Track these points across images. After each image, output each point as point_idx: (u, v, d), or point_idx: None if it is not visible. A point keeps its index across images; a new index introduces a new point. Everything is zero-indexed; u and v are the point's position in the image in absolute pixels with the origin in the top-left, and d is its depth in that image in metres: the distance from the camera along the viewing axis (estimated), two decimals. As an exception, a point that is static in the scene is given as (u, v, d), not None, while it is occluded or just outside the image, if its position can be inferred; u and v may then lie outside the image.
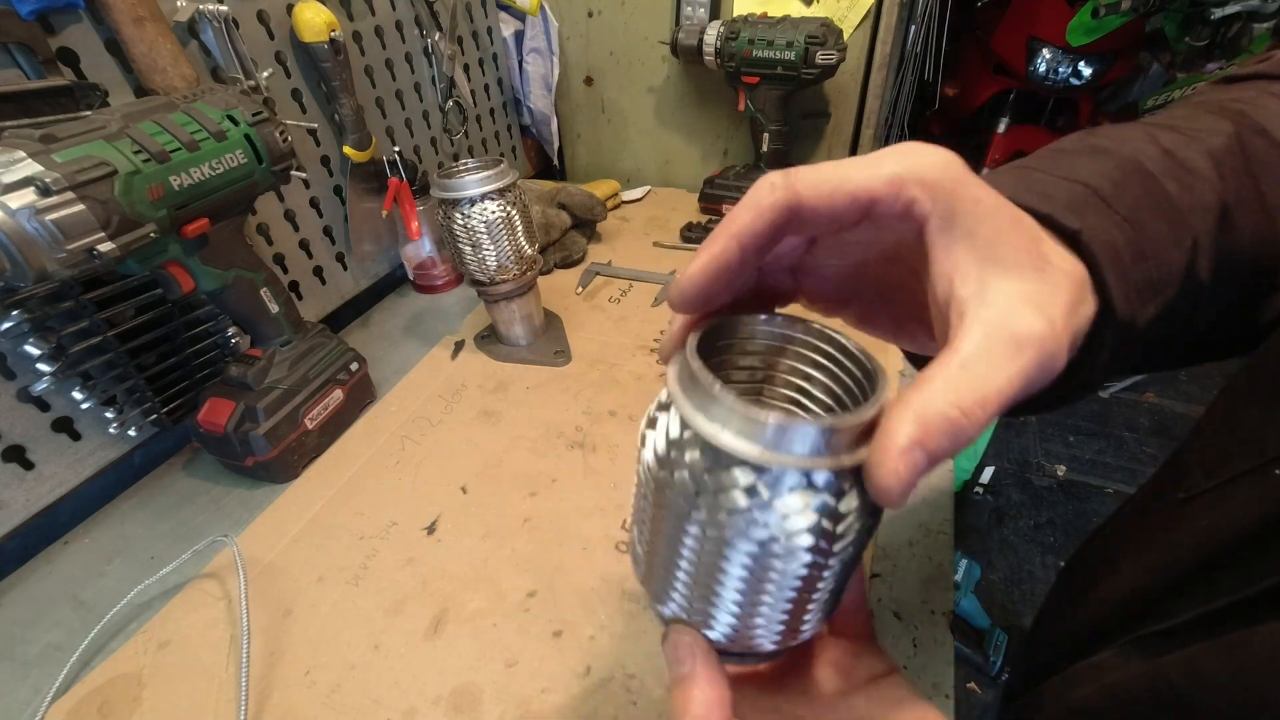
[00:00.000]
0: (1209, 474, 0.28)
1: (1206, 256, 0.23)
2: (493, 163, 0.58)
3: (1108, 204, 0.22)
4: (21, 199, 0.33)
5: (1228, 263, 0.24)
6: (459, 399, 0.62)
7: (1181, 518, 0.29)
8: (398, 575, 0.46)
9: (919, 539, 0.46)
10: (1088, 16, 1.65)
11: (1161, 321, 0.22)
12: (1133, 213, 0.22)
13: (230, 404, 0.50)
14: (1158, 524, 0.32)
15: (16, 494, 0.47)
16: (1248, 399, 0.29)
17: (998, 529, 1.60)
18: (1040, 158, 0.25)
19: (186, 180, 0.41)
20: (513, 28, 0.95)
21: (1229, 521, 0.26)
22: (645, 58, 0.99)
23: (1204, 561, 0.26)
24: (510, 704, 0.38)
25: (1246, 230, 0.25)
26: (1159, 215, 0.22)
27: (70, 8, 0.44)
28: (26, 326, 0.43)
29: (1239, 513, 0.25)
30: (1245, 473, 0.25)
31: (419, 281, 0.81)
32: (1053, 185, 0.22)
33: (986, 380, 0.16)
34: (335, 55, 0.61)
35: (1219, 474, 0.27)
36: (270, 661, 0.40)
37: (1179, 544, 0.28)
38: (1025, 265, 0.18)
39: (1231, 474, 0.26)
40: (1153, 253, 0.22)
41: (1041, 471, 1.73)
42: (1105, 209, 0.22)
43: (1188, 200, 0.23)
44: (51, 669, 0.40)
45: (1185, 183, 0.23)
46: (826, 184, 0.18)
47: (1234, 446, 0.28)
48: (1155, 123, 0.27)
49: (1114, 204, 0.22)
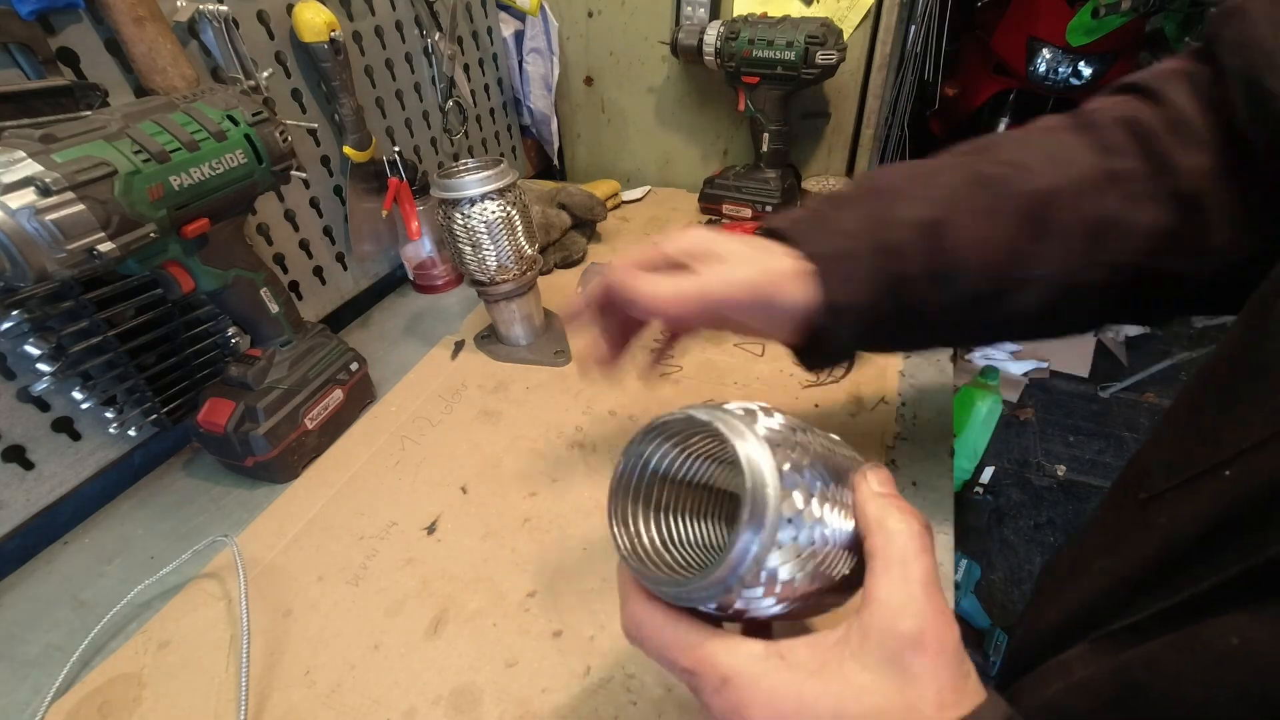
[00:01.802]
0: (1168, 475, 0.29)
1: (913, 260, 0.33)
2: (493, 163, 0.58)
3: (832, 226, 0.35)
4: (21, 199, 0.33)
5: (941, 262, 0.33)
6: (459, 399, 0.62)
7: (1145, 517, 0.30)
8: (398, 575, 0.46)
9: (919, 539, 0.46)
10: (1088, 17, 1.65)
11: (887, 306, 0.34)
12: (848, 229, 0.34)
13: (230, 404, 0.50)
14: (1124, 524, 0.32)
15: (16, 494, 0.47)
16: (1203, 401, 0.30)
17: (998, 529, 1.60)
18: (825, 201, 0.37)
19: (186, 180, 0.41)
20: (513, 28, 0.95)
21: (1186, 521, 0.26)
22: (645, 58, 0.99)
23: (1165, 560, 0.27)
24: (510, 704, 0.38)
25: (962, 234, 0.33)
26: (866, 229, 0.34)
27: (70, 8, 0.44)
28: (26, 326, 0.43)
29: (1195, 512, 0.26)
30: (1201, 473, 0.26)
31: (419, 281, 0.81)
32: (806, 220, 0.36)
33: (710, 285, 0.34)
34: (335, 55, 0.61)
35: (1177, 475, 0.28)
36: (270, 661, 0.40)
37: (1143, 543, 0.29)
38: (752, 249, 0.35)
39: (1188, 475, 0.27)
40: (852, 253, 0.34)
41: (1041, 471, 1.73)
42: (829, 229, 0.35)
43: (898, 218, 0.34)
44: (51, 669, 0.40)
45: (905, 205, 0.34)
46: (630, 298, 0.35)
47: (1191, 448, 0.29)
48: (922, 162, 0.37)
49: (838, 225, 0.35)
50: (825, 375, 0.60)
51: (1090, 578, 0.32)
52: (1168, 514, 0.28)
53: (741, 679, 0.21)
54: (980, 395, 1.39)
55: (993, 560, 1.52)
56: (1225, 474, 0.25)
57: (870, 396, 0.58)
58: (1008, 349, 1.96)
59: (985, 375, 1.42)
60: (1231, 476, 0.25)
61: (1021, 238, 0.32)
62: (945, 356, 0.62)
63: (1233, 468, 0.25)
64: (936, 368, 0.61)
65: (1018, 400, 1.93)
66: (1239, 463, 0.24)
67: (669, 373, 0.63)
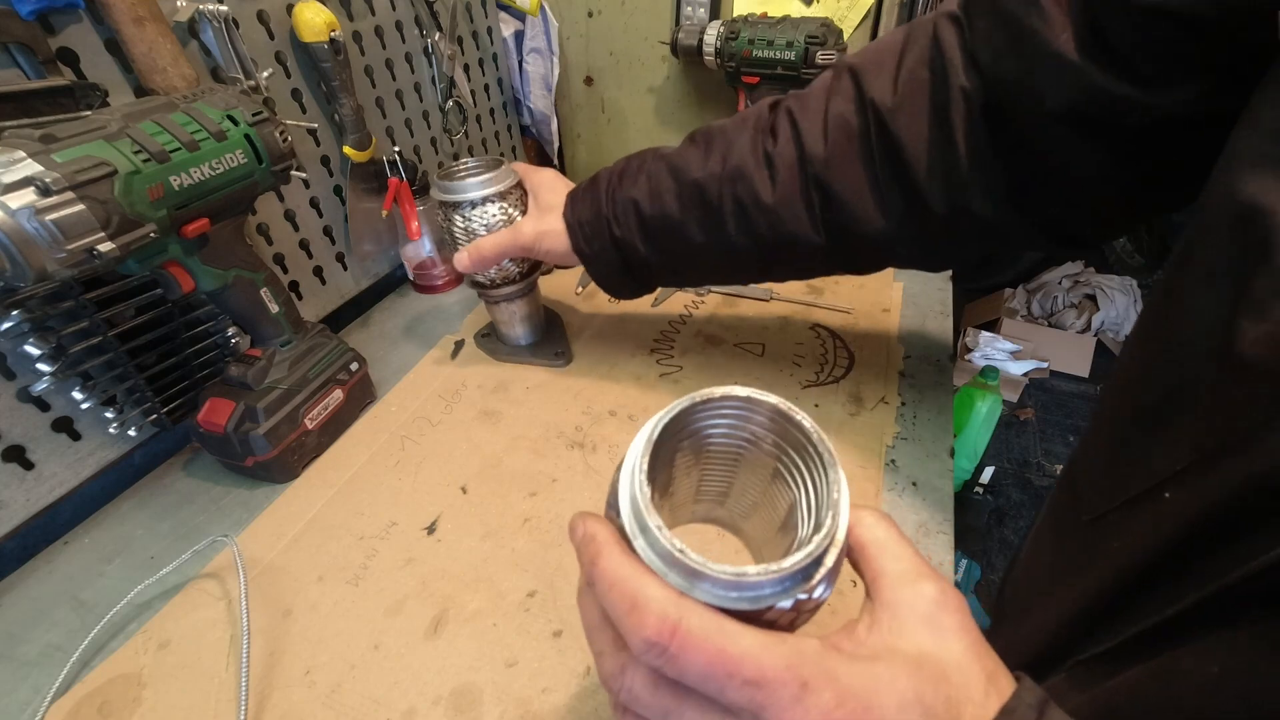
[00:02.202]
0: (1107, 496, 0.29)
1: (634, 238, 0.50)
2: (493, 163, 0.58)
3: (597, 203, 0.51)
4: (21, 199, 0.33)
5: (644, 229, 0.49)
6: (459, 399, 0.62)
7: (1093, 540, 0.30)
8: (398, 575, 0.46)
9: (919, 539, 0.46)
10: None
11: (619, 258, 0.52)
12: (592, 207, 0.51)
13: (230, 404, 0.50)
14: (1074, 547, 0.33)
15: (16, 494, 0.47)
16: (1126, 421, 0.30)
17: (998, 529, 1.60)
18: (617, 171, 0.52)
19: (186, 180, 0.41)
20: (513, 28, 0.95)
21: (1136, 544, 0.26)
22: (645, 58, 0.99)
23: (1125, 584, 0.27)
24: (510, 704, 0.38)
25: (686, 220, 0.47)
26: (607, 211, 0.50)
27: (70, 8, 0.44)
28: (26, 326, 0.43)
29: (1144, 535, 0.26)
30: (1139, 495, 0.27)
31: (419, 281, 0.81)
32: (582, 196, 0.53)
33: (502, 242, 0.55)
34: (335, 55, 0.61)
35: (1116, 497, 0.29)
36: (270, 661, 0.40)
37: (1098, 567, 0.29)
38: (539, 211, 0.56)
39: (1126, 496, 0.28)
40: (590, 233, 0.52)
41: (1041, 471, 1.73)
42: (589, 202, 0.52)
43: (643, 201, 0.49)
44: (51, 669, 0.40)
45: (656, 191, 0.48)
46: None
47: (1123, 469, 0.29)
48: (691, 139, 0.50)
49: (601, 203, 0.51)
50: (825, 375, 0.60)
51: (1052, 602, 0.32)
52: (1118, 538, 0.28)
53: (819, 680, 0.18)
54: (980, 395, 1.40)
55: (993, 560, 1.52)
56: (1165, 496, 0.25)
57: (870, 396, 0.58)
58: (1007, 349, 1.96)
59: (985, 375, 1.42)
60: (1171, 499, 0.25)
61: (683, 213, 0.47)
62: (945, 356, 0.62)
63: (1170, 490, 0.25)
64: (936, 368, 0.61)
65: (1018, 400, 1.93)
66: (1174, 485, 0.25)
67: (669, 373, 0.63)
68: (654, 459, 0.21)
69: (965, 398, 1.40)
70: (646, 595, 0.18)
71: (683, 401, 0.22)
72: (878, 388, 0.59)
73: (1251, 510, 0.22)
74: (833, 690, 0.18)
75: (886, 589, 0.21)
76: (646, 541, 0.20)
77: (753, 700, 0.18)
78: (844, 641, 0.21)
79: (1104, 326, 2.08)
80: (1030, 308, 2.16)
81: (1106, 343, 2.05)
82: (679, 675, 0.18)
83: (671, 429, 0.22)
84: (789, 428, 0.22)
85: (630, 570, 0.19)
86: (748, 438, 0.24)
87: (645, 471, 0.20)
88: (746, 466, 0.26)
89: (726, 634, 0.18)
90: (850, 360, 0.62)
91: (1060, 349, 2.01)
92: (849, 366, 0.62)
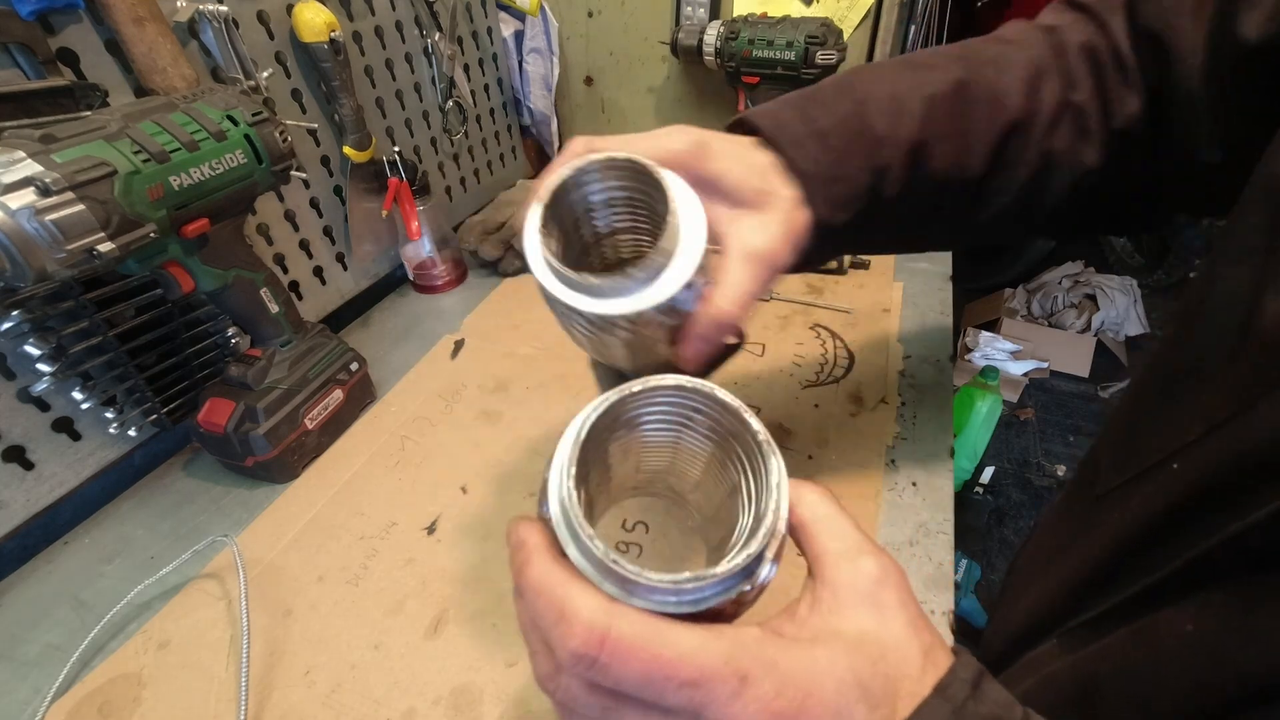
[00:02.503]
0: (1119, 470, 0.30)
1: (894, 180, 0.33)
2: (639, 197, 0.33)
3: (823, 138, 0.32)
4: (21, 199, 0.33)
5: (917, 182, 0.33)
6: (459, 399, 0.62)
7: (1097, 514, 0.31)
8: (398, 575, 0.46)
9: (919, 539, 0.46)
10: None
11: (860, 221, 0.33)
12: (840, 145, 0.32)
13: (230, 404, 0.50)
14: (1078, 521, 0.33)
15: (16, 494, 0.47)
16: (1147, 397, 0.31)
17: (998, 529, 1.60)
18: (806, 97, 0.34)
19: (186, 180, 0.41)
20: (513, 28, 0.95)
21: (1137, 515, 0.27)
22: (645, 58, 0.99)
23: (1118, 554, 0.28)
24: (510, 704, 0.38)
25: (940, 160, 0.33)
26: (859, 148, 0.32)
27: (70, 8, 0.44)
28: (26, 326, 0.43)
29: (1145, 506, 0.27)
30: (1149, 468, 0.27)
31: (419, 281, 0.81)
32: (795, 125, 0.32)
33: (739, 287, 0.28)
34: (335, 55, 0.61)
35: (1127, 470, 0.29)
36: (270, 661, 0.40)
37: (1096, 539, 0.29)
38: (756, 202, 0.30)
39: (1137, 470, 0.28)
40: (844, 176, 0.32)
41: (1041, 471, 1.73)
42: (821, 143, 0.32)
43: (888, 136, 0.32)
44: (51, 669, 0.40)
45: (893, 121, 0.32)
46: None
47: (1138, 443, 0.29)
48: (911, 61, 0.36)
49: (828, 138, 0.32)
50: (825, 375, 0.60)
51: (1051, 575, 0.33)
52: (1119, 509, 0.28)
53: (758, 670, 0.18)
54: (980, 395, 1.39)
55: (993, 560, 1.52)
56: (1172, 467, 0.25)
57: (870, 396, 0.58)
58: (1007, 349, 1.96)
59: (985, 375, 1.42)
60: (1177, 470, 0.25)
61: (985, 168, 0.34)
62: (945, 356, 0.62)
63: (1178, 460, 0.25)
64: (936, 368, 0.61)
65: (1018, 400, 1.93)
66: (1181, 456, 0.25)
67: (669, 373, 0.63)
68: (582, 463, 0.20)
69: (965, 398, 1.40)
70: (574, 606, 0.18)
71: (611, 396, 0.21)
72: (878, 388, 0.59)
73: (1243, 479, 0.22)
74: (772, 680, 0.18)
75: (828, 567, 0.21)
76: (579, 550, 0.19)
77: (691, 700, 0.17)
78: (785, 625, 0.21)
79: (1104, 326, 2.07)
80: (1030, 308, 2.16)
81: (1106, 343, 2.05)
82: (615, 685, 0.18)
83: (601, 425, 0.21)
84: (723, 414, 0.22)
85: (557, 578, 0.18)
86: (682, 424, 0.24)
87: (573, 479, 0.19)
88: (685, 450, 0.25)
89: (661, 638, 0.17)
90: (850, 360, 0.62)
91: (1060, 349, 2.01)
92: (849, 366, 0.62)
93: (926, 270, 0.75)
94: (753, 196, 0.30)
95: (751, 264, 0.29)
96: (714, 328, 0.28)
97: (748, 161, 0.31)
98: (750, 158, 0.31)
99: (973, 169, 0.33)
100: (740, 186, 0.30)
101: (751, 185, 0.30)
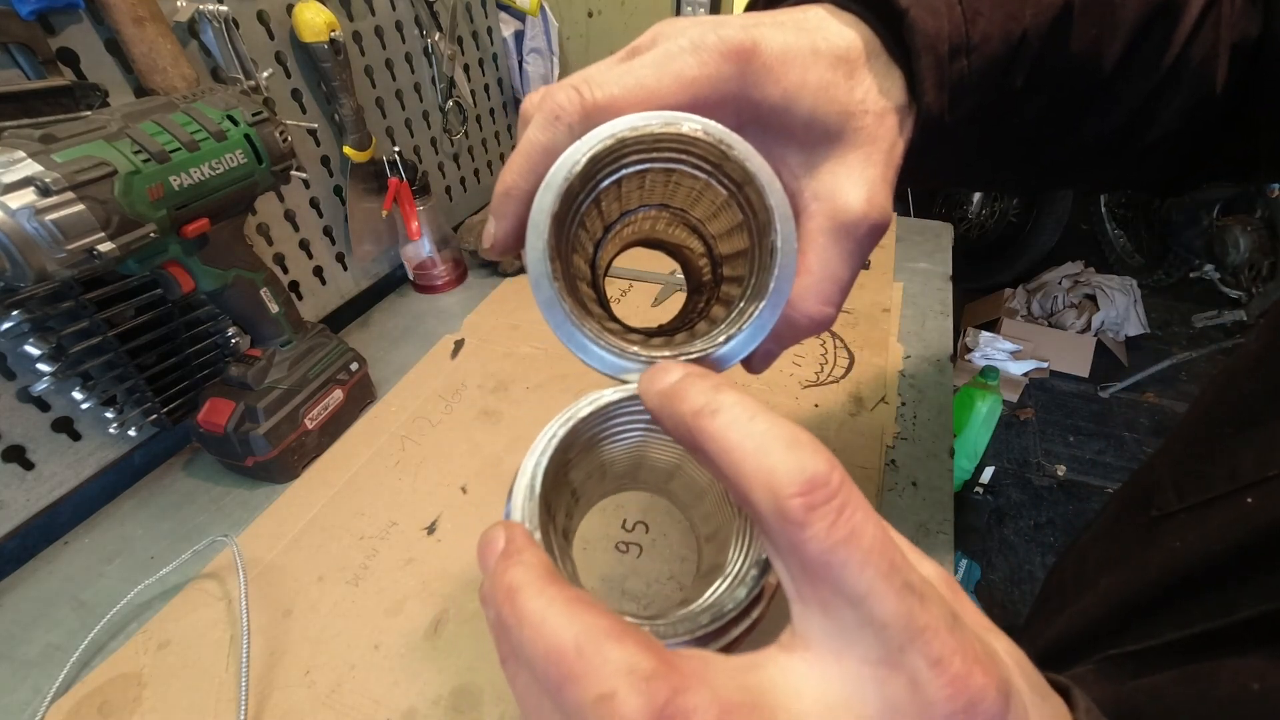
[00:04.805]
0: (1181, 494, 0.28)
1: (1025, 61, 0.23)
2: None
3: None
4: (21, 199, 0.33)
5: (1052, 63, 0.23)
6: (459, 399, 0.62)
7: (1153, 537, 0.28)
8: (398, 575, 0.46)
9: (919, 539, 0.46)
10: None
11: (967, 121, 0.23)
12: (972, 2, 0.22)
13: (230, 404, 0.50)
14: (1131, 540, 0.31)
15: (16, 494, 0.47)
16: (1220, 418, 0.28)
17: (998, 529, 1.60)
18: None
19: (186, 180, 0.41)
20: (513, 28, 0.95)
21: (1200, 546, 0.25)
22: (645, 58, 0.99)
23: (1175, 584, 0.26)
24: (510, 704, 0.38)
25: (1078, 40, 0.24)
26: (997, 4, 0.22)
27: (70, 8, 0.44)
28: (26, 326, 0.43)
29: (1211, 538, 0.24)
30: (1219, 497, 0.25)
31: (419, 281, 0.81)
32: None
33: (835, 282, 0.20)
34: (335, 55, 0.61)
35: (1192, 495, 0.27)
36: (270, 661, 0.40)
37: (1150, 564, 0.27)
38: (843, 130, 0.20)
39: (1204, 497, 0.26)
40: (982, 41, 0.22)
41: (1041, 471, 1.73)
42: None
43: None
44: (51, 669, 0.40)
45: None
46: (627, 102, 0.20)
47: (1207, 468, 0.27)
48: None
49: None
50: (825, 375, 0.60)
51: (1096, 594, 0.31)
52: (1179, 536, 0.26)
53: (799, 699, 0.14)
54: (980, 395, 1.39)
55: (993, 560, 1.52)
56: (1246, 501, 0.23)
57: (870, 396, 0.58)
58: (1007, 349, 1.96)
59: (985, 375, 1.42)
60: (1253, 505, 0.23)
61: (1118, 62, 0.25)
62: (945, 356, 0.62)
63: (1254, 494, 0.23)
64: (936, 368, 0.61)
65: (1018, 400, 1.93)
66: (1261, 490, 0.23)
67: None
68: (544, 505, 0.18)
69: (965, 398, 1.40)
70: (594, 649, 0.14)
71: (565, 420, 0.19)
72: (878, 388, 0.59)
73: None
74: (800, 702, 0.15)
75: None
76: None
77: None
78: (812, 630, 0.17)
79: (1104, 326, 2.07)
80: (1030, 308, 2.16)
81: (1106, 343, 2.05)
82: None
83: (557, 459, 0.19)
84: None
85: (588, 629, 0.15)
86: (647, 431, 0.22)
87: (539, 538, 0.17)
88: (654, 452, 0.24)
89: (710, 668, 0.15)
90: (850, 360, 0.62)
91: (1060, 349, 2.01)
92: (849, 366, 0.62)
93: (926, 270, 0.75)
94: (837, 122, 0.20)
95: (847, 238, 0.20)
96: (800, 336, 0.22)
97: (823, 62, 0.21)
98: (825, 50, 0.21)
99: (1107, 60, 0.25)
100: (819, 114, 0.20)
101: (836, 106, 0.20)
